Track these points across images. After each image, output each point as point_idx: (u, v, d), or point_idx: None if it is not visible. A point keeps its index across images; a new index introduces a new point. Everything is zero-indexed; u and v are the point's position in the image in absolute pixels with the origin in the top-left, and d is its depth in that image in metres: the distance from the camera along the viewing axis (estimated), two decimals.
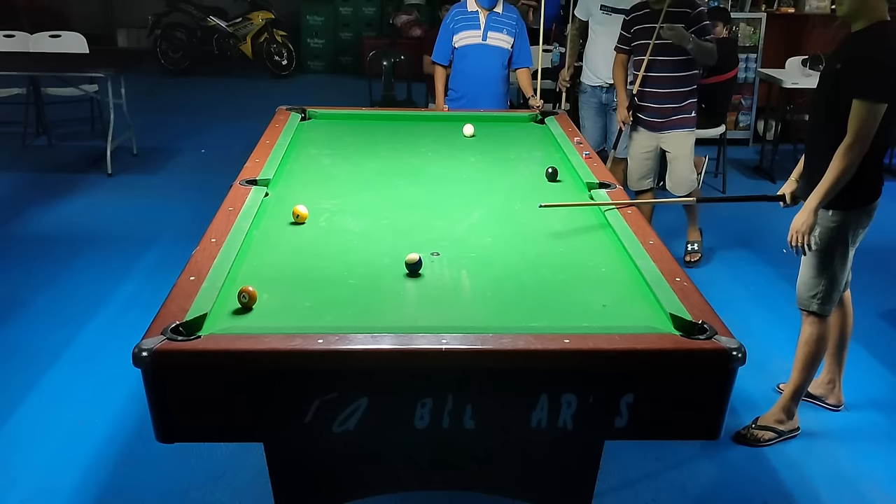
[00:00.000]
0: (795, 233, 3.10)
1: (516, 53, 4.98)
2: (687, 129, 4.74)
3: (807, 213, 3.06)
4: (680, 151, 4.77)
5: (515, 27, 4.94)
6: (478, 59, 4.94)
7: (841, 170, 2.97)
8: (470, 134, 3.89)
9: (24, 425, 3.32)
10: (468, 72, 4.96)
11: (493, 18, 4.92)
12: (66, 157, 6.97)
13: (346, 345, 1.90)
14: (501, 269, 2.45)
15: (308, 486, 2.22)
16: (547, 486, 2.26)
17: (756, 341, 3.68)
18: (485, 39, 4.92)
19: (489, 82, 4.95)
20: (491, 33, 4.92)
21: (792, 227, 3.12)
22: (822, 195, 3.02)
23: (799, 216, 3.10)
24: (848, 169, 2.97)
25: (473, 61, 4.94)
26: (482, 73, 4.94)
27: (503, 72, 4.99)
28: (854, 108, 2.92)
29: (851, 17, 3.01)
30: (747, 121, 7.92)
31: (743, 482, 3.12)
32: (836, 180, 2.98)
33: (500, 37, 4.91)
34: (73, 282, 4.57)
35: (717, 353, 1.93)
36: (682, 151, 4.77)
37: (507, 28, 4.92)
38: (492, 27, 4.91)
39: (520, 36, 4.96)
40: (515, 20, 4.96)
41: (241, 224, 2.60)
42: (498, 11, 4.93)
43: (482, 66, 4.93)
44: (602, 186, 3.10)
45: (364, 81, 7.56)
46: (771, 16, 7.85)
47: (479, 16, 4.92)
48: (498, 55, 4.94)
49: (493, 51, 4.92)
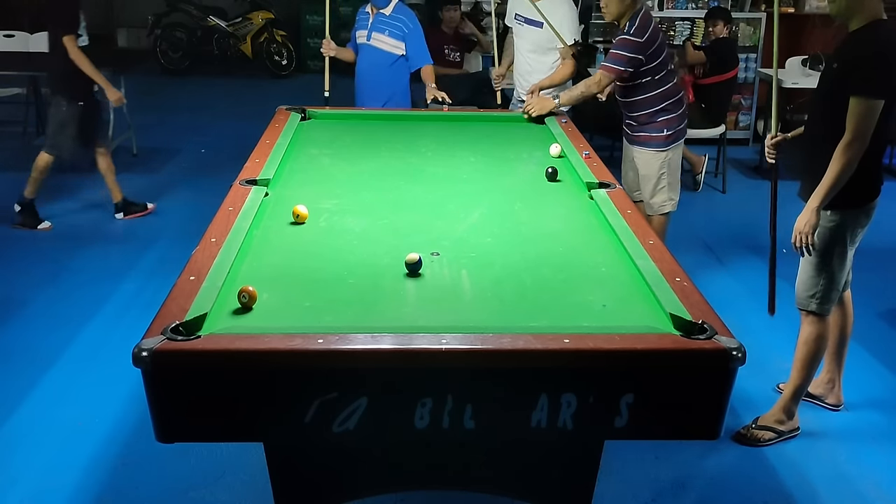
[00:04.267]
0: (798, 234, 3.09)
1: (411, 55, 4.93)
2: (651, 148, 4.28)
3: (809, 213, 3.06)
4: (644, 170, 4.34)
5: (404, 29, 4.87)
6: (364, 58, 5.01)
7: (841, 168, 2.97)
8: (557, 154, 3.55)
9: (24, 425, 3.32)
10: (359, 69, 5.04)
11: (379, 19, 4.90)
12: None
13: (346, 345, 1.90)
14: (501, 269, 2.45)
15: (308, 486, 2.22)
16: (547, 486, 2.26)
17: (756, 341, 3.67)
18: (369, 40, 4.94)
19: (377, 83, 4.93)
20: (375, 34, 4.91)
21: (795, 229, 3.11)
22: (823, 194, 3.02)
23: (801, 217, 3.09)
24: (848, 167, 2.96)
25: (361, 60, 5.03)
26: (368, 73, 4.97)
27: (395, 73, 4.95)
28: (851, 105, 2.92)
29: (845, 16, 3.02)
30: (747, 121, 7.93)
31: (743, 482, 3.12)
32: (837, 178, 2.98)
33: (384, 38, 4.89)
34: (73, 282, 4.57)
35: (717, 353, 1.93)
36: (647, 171, 4.32)
37: (391, 30, 4.87)
38: (376, 28, 4.91)
39: (411, 38, 4.90)
40: (404, 22, 4.89)
41: (241, 224, 2.60)
42: (385, 13, 4.89)
43: (368, 65, 4.97)
44: (602, 186, 3.10)
45: None
46: (771, 16, 7.83)
47: (370, 16, 4.95)
48: (382, 56, 4.91)
49: (376, 52, 4.92)
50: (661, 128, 4.26)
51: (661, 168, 4.32)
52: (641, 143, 4.33)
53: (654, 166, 4.32)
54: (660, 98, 4.20)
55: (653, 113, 4.23)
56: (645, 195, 4.42)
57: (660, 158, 4.30)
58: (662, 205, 4.39)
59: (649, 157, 4.32)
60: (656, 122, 4.24)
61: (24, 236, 5.22)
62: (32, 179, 5.32)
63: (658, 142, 4.28)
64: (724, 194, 6.58)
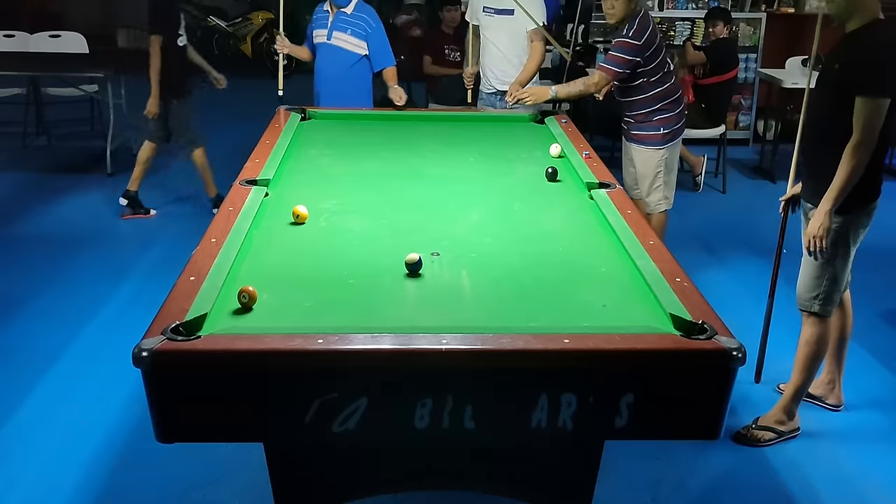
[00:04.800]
0: (812, 238, 3.08)
1: (374, 55, 4.86)
2: (648, 146, 4.33)
3: (822, 217, 3.04)
4: (641, 168, 4.39)
5: (366, 28, 4.80)
6: (324, 57, 4.91)
7: (852, 169, 2.96)
8: (557, 154, 3.56)
9: (24, 425, 3.32)
10: (318, 69, 4.97)
11: (340, 18, 4.82)
12: (66, 157, 6.98)
13: (346, 345, 1.90)
14: (501, 269, 2.45)
15: (308, 486, 2.22)
16: (547, 486, 2.26)
17: (756, 341, 3.68)
18: (329, 39, 4.84)
19: (338, 82, 4.84)
20: (336, 33, 4.82)
21: (808, 233, 3.10)
22: (835, 197, 3.01)
23: (814, 221, 3.07)
24: (858, 167, 2.96)
25: (321, 59, 4.94)
26: (329, 73, 4.88)
27: (355, 73, 4.87)
28: (858, 106, 2.92)
29: (844, 16, 3.02)
30: (747, 121, 7.92)
31: (743, 482, 3.12)
32: (848, 180, 2.98)
33: (345, 37, 4.80)
34: (73, 282, 4.57)
35: (717, 353, 1.93)
36: (644, 169, 4.38)
37: (352, 29, 4.79)
38: (337, 27, 4.82)
39: (374, 37, 4.84)
40: (367, 21, 4.81)
41: (241, 224, 2.60)
42: (347, 11, 4.81)
43: (328, 65, 4.88)
44: (602, 186, 3.10)
45: None
46: (771, 16, 7.85)
47: (329, 15, 4.87)
48: (343, 56, 4.84)
49: (337, 51, 4.83)
50: (657, 126, 4.30)
51: (658, 166, 4.37)
52: (639, 140, 4.37)
53: (651, 164, 4.37)
54: (656, 98, 4.23)
55: (649, 112, 4.26)
56: (642, 193, 4.47)
57: (656, 157, 4.35)
58: (658, 203, 4.45)
59: (646, 155, 4.37)
60: (653, 121, 4.28)
61: (24, 236, 5.23)
62: (137, 172, 5.49)
63: (655, 140, 4.32)
64: (724, 194, 6.58)
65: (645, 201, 4.46)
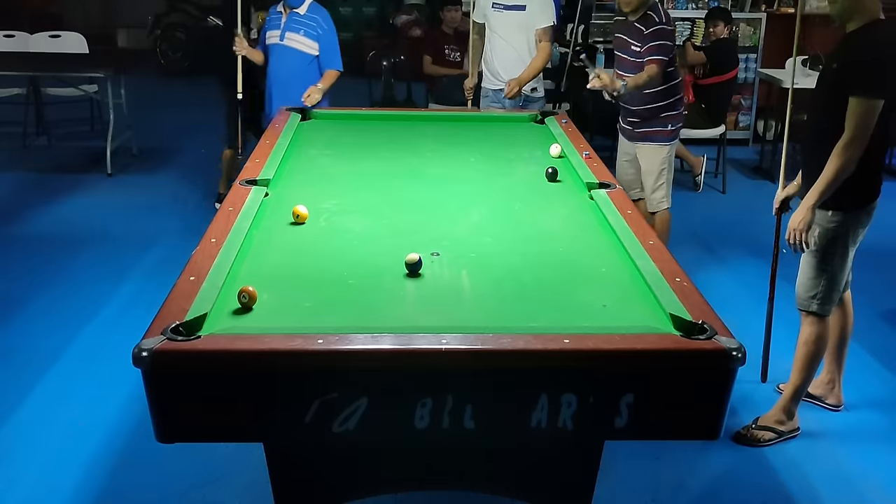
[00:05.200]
0: (793, 231, 3.11)
1: (323, 56, 4.85)
2: (656, 143, 4.41)
3: (804, 211, 3.07)
4: (647, 166, 4.46)
5: (318, 29, 4.80)
6: (276, 58, 4.90)
7: (839, 167, 2.97)
8: (557, 154, 3.55)
9: (24, 425, 3.32)
10: (271, 70, 4.95)
11: (293, 19, 4.82)
12: (66, 157, 6.98)
13: (346, 345, 1.90)
14: (501, 269, 2.45)
15: (308, 486, 2.22)
16: (547, 486, 2.26)
17: (756, 341, 3.68)
18: (282, 39, 4.83)
19: (291, 83, 4.79)
20: (288, 34, 4.82)
21: (789, 226, 3.13)
22: (819, 193, 3.03)
23: (796, 214, 3.11)
24: (846, 166, 2.97)
25: (274, 60, 4.92)
26: (281, 74, 4.87)
27: (308, 74, 4.83)
28: (851, 105, 2.92)
29: (845, 16, 3.02)
30: (747, 121, 7.92)
31: (743, 482, 3.12)
32: (834, 177, 2.99)
33: (298, 38, 4.80)
34: (73, 282, 4.56)
35: (717, 353, 1.93)
36: (649, 166, 4.45)
37: (305, 30, 4.78)
38: (290, 28, 4.81)
39: (325, 38, 4.83)
40: (319, 22, 4.81)
41: (241, 224, 2.60)
42: (300, 12, 4.81)
43: (281, 65, 4.87)
44: (602, 186, 3.10)
45: (364, 81, 7.56)
46: (771, 16, 7.85)
47: (282, 16, 4.86)
48: (296, 57, 4.82)
49: (290, 52, 4.83)
50: (665, 123, 4.40)
51: (663, 163, 4.46)
52: (646, 138, 4.45)
53: (657, 161, 4.46)
54: (665, 94, 4.33)
55: (658, 108, 4.36)
56: (646, 191, 4.53)
57: (662, 153, 4.45)
58: (661, 201, 4.52)
59: (653, 152, 4.46)
60: (660, 118, 4.38)
61: (24, 236, 5.22)
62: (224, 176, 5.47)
63: (663, 136, 4.42)
64: (724, 194, 6.58)
65: (648, 199, 4.53)
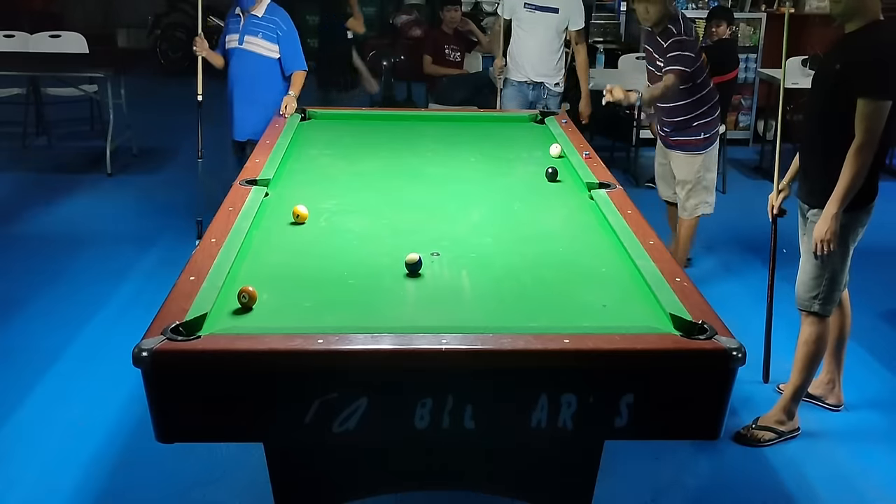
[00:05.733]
0: (821, 242, 3.06)
1: (285, 58, 4.69)
2: (688, 152, 4.43)
3: (829, 221, 3.03)
4: (680, 174, 4.49)
5: (278, 31, 4.63)
6: (237, 63, 4.73)
7: (856, 171, 2.97)
8: (557, 154, 3.56)
9: (24, 425, 3.32)
10: (231, 76, 4.77)
11: (251, 22, 4.64)
12: (66, 157, 6.98)
13: (346, 345, 1.90)
14: (501, 269, 2.45)
15: (308, 486, 2.22)
16: (547, 486, 2.26)
17: (756, 341, 3.68)
18: (241, 43, 4.66)
19: (252, 87, 4.67)
20: (247, 37, 4.65)
21: (815, 237, 3.08)
22: (840, 199, 3.00)
23: (820, 225, 3.05)
24: (861, 170, 2.97)
25: (234, 65, 4.75)
26: (242, 79, 4.71)
27: (269, 78, 4.68)
28: (860, 107, 2.92)
29: (846, 17, 3.02)
30: (747, 121, 7.92)
31: (743, 482, 3.12)
32: (853, 182, 2.98)
33: (257, 41, 4.63)
34: (73, 282, 4.56)
35: (717, 353, 1.93)
36: (683, 175, 4.48)
37: (264, 32, 4.61)
38: (249, 31, 4.64)
39: (285, 40, 4.67)
40: (278, 24, 4.65)
41: (241, 224, 2.60)
42: (257, 14, 4.63)
43: (242, 71, 4.71)
44: (602, 186, 3.10)
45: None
46: (771, 16, 7.85)
47: (241, 19, 4.68)
48: (257, 61, 4.66)
49: (250, 56, 4.66)
50: (697, 132, 4.39)
51: (698, 171, 4.46)
52: (679, 147, 4.46)
53: (692, 170, 4.46)
54: (696, 104, 4.32)
55: (689, 118, 4.35)
56: (680, 198, 4.55)
57: (696, 162, 4.44)
58: (696, 207, 4.53)
59: (686, 161, 4.46)
60: (693, 127, 4.37)
61: (24, 236, 5.22)
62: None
63: (695, 146, 4.42)
64: (724, 194, 6.57)
65: (683, 206, 4.55)
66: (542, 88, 5.35)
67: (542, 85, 5.35)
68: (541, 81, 5.34)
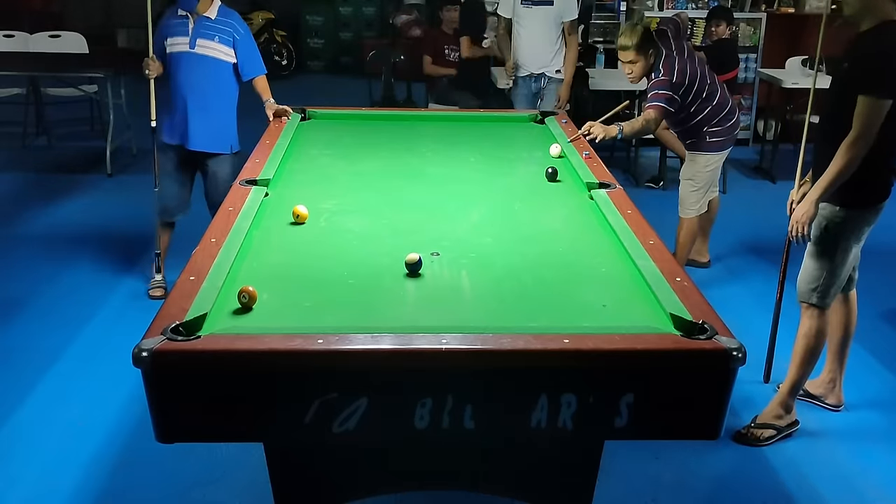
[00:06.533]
0: (795, 223, 3.14)
1: (242, 63, 4.32)
2: (698, 152, 4.52)
3: (808, 205, 3.09)
4: (684, 172, 4.65)
5: (235, 34, 4.28)
6: (188, 68, 4.28)
7: (844, 163, 2.98)
8: (557, 154, 3.57)
9: (24, 425, 3.32)
10: (180, 82, 4.31)
11: (204, 24, 4.23)
12: (66, 157, 6.97)
13: (346, 345, 1.90)
14: (501, 270, 2.45)
15: (308, 486, 2.22)
16: (547, 486, 2.26)
17: (756, 341, 3.67)
18: (192, 47, 4.23)
19: (206, 94, 4.31)
20: (200, 41, 4.23)
21: (792, 218, 3.16)
22: (824, 188, 3.05)
23: (800, 207, 3.12)
24: (851, 163, 2.98)
25: (184, 71, 4.28)
26: (196, 85, 4.29)
27: (225, 84, 4.35)
28: (859, 103, 2.93)
29: (858, 17, 3.03)
30: (747, 121, 7.90)
31: (743, 482, 3.12)
32: (839, 174, 3.00)
33: (213, 45, 4.24)
34: (73, 282, 4.57)
35: (717, 353, 1.93)
36: (684, 174, 4.64)
37: (220, 36, 4.24)
38: (202, 34, 4.23)
39: (242, 44, 4.31)
40: (235, 27, 4.30)
41: (241, 224, 2.60)
42: (210, 16, 4.25)
43: (194, 76, 4.28)
44: (602, 186, 3.10)
45: (364, 81, 7.56)
46: (771, 16, 7.85)
47: (189, 21, 4.24)
48: (212, 65, 4.27)
49: (204, 60, 4.25)
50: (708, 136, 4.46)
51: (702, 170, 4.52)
52: (690, 148, 4.57)
53: (693, 169, 4.56)
54: (702, 123, 4.40)
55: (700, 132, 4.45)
56: (681, 193, 4.64)
57: (700, 162, 4.53)
58: (691, 207, 4.61)
59: (693, 159, 4.56)
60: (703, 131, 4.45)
61: (24, 236, 5.22)
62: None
63: (705, 147, 4.49)
64: (725, 194, 6.57)
65: (681, 202, 4.63)
66: (544, 78, 5.65)
67: (543, 75, 5.65)
68: (542, 72, 5.64)
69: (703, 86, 4.31)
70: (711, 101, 4.37)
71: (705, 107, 4.37)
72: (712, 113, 4.39)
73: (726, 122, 4.45)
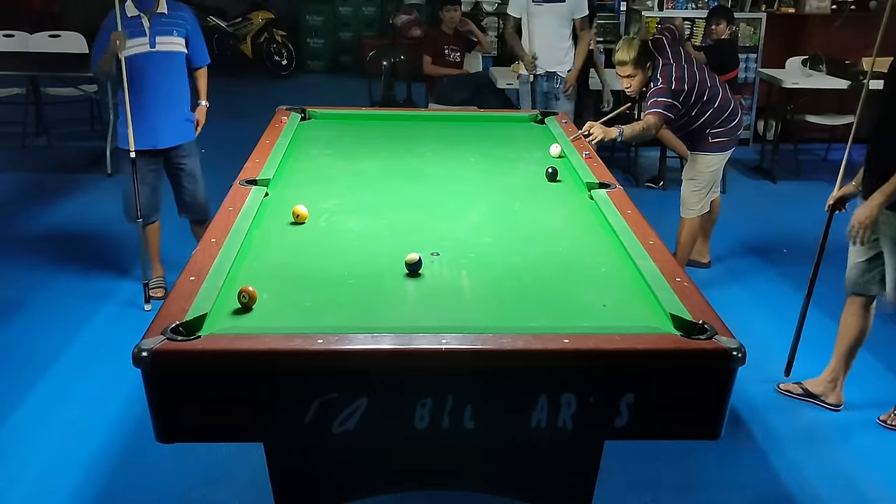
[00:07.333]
0: (857, 224, 3.18)
1: (193, 52, 4.35)
2: (700, 152, 4.57)
3: (870, 209, 3.14)
4: (686, 171, 4.69)
5: (185, 25, 4.28)
6: (154, 68, 4.18)
7: None
8: (557, 154, 3.56)
9: (24, 425, 3.32)
10: (144, 82, 4.16)
11: (160, 21, 4.19)
12: (66, 157, 6.97)
13: (346, 345, 1.90)
14: (501, 270, 2.45)
15: (308, 486, 2.22)
16: (547, 486, 2.26)
17: (756, 341, 3.67)
18: (153, 46, 4.16)
19: (171, 90, 4.26)
20: (160, 38, 4.17)
21: (854, 220, 3.21)
22: (890, 193, 3.10)
23: (863, 210, 3.18)
24: None
25: (147, 71, 4.16)
26: (161, 83, 4.21)
27: (183, 76, 4.34)
28: None
29: None
30: (747, 121, 7.90)
31: (743, 482, 3.12)
32: None
33: (172, 40, 4.22)
34: (72, 282, 4.57)
35: (717, 353, 1.93)
36: (686, 174, 4.69)
37: (177, 30, 4.24)
38: (159, 32, 4.17)
39: (194, 33, 4.34)
40: (186, 18, 4.31)
41: (241, 224, 2.60)
42: (163, 12, 4.20)
43: (158, 74, 4.19)
44: (602, 186, 3.10)
45: (364, 81, 7.55)
46: (771, 16, 7.85)
47: (143, 20, 4.15)
48: (174, 61, 4.26)
49: (166, 57, 4.20)
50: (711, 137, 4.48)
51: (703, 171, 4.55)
52: (692, 148, 4.61)
53: (695, 169, 4.59)
54: (704, 126, 4.42)
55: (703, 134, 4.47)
56: (683, 193, 4.67)
57: (701, 161, 4.56)
58: (692, 207, 4.63)
59: (695, 159, 4.59)
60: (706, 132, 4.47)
61: (24, 236, 5.22)
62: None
63: (707, 147, 4.51)
64: (725, 194, 6.56)
65: (682, 202, 4.66)
66: (556, 78, 5.69)
67: (554, 74, 5.69)
68: (553, 71, 5.68)
69: (704, 90, 4.32)
70: (713, 103, 4.38)
71: (707, 110, 4.38)
72: (714, 115, 4.40)
73: (729, 123, 4.45)
